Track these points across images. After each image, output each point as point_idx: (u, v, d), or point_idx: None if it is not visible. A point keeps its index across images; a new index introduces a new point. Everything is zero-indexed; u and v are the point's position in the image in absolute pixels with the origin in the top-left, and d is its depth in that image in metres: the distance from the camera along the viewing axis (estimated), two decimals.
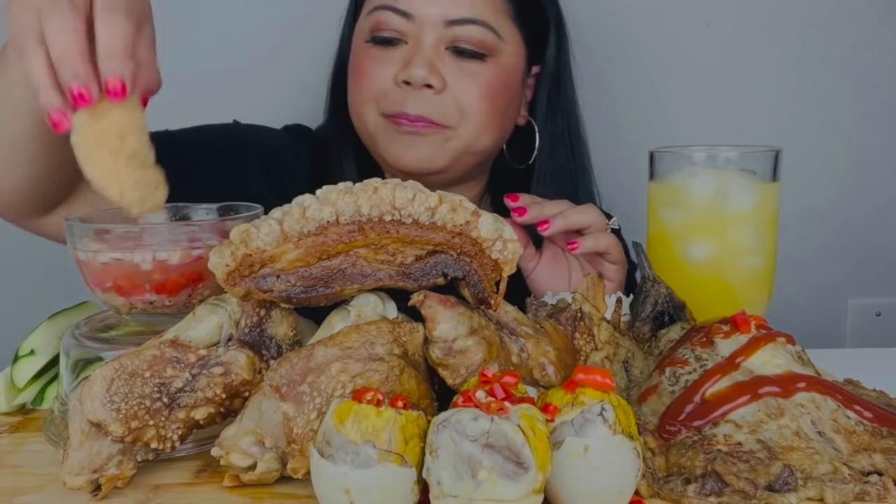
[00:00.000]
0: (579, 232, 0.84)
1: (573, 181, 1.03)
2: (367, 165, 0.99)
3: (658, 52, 1.33)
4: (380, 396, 0.48)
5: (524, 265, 0.88)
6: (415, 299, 0.55)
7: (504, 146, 1.02)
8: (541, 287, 0.88)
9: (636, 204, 0.89)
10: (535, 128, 1.01)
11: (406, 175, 0.88)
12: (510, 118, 0.98)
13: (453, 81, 0.90)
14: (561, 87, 1.03)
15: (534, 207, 0.82)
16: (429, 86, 0.89)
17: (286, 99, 1.24)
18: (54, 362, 0.70)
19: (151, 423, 0.53)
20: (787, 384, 0.58)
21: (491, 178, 1.06)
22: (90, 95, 0.51)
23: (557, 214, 0.82)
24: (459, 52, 0.90)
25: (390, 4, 0.90)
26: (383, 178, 0.60)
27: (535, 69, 1.01)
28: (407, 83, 0.89)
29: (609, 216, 0.87)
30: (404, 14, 0.90)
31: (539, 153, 1.01)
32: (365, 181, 0.57)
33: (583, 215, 0.83)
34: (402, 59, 0.90)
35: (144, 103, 0.55)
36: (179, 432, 0.54)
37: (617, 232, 0.87)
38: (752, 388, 0.57)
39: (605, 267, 0.85)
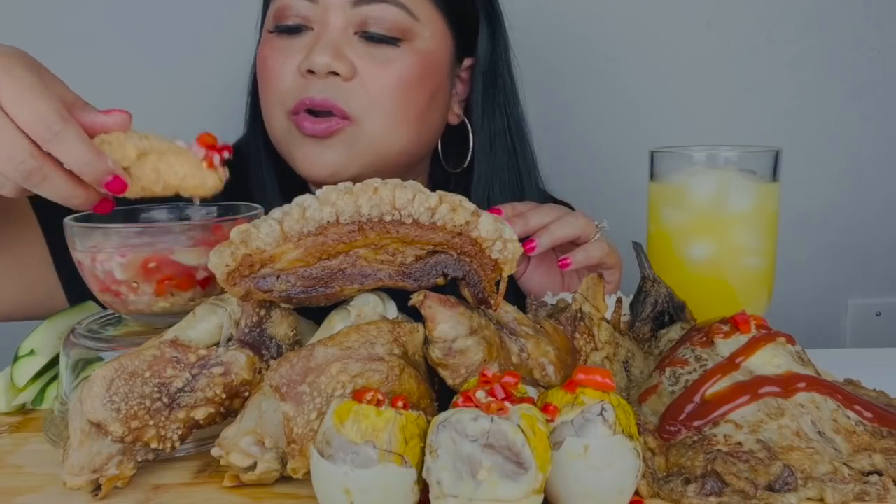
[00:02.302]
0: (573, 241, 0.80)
1: (517, 184, 0.95)
2: (290, 181, 0.90)
3: (658, 52, 1.33)
4: (380, 396, 0.48)
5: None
6: (415, 299, 0.55)
7: (439, 148, 0.94)
8: (533, 291, 0.85)
9: (636, 204, 0.89)
10: (469, 127, 0.92)
11: (318, 185, 0.75)
12: (434, 113, 0.89)
13: (363, 68, 0.81)
14: (497, 81, 0.93)
15: (517, 222, 0.77)
16: (335, 73, 0.80)
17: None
18: (54, 362, 0.70)
19: (151, 423, 0.53)
20: (787, 384, 0.58)
21: (433, 185, 0.96)
22: (123, 182, 0.57)
23: (543, 231, 0.78)
24: (369, 36, 0.82)
25: None
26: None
27: (467, 61, 0.93)
28: (311, 72, 0.80)
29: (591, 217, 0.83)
30: None
31: (477, 154, 0.92)
32: (365, 181, 0.56)
33: (570, 227, 0.78)
34: (307, 48, 0.81)
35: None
36: (179, 432, 0.54)
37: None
38: (752, 388, 0.57)
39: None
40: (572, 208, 1.07)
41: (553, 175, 1.33)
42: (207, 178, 0.59)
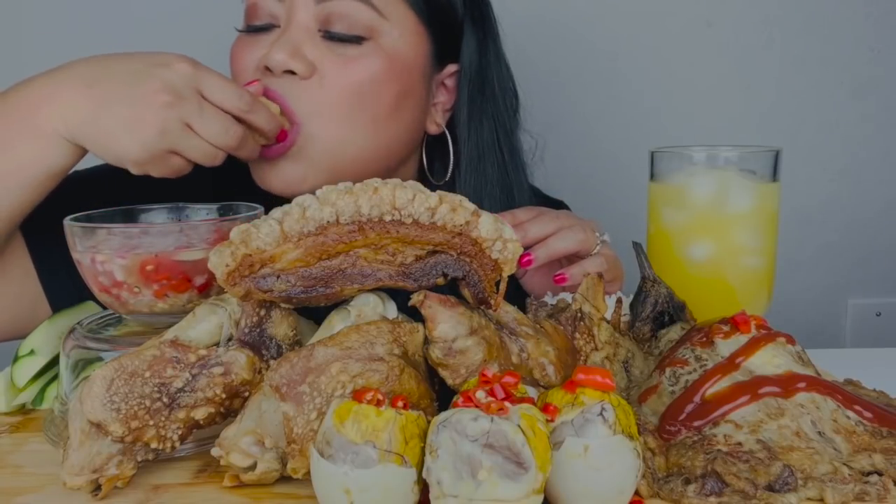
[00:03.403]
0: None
1: (507, 197, 0.90)
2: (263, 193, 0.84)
3: (658, 52, 1.33)
4: (380, 396, 0.48)
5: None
6: (415, 299, 0.55)
7: (424, 160, 0.90)
8: (533, 292, 0.84)
9: (636, 204, 0.89)
10: (449, 138, 0.88)
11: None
12: (401, 120, 0.83)
13: (323, 67, 0.78)
14: (486, 90, 0.88)
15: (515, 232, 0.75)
16: (292, 72, 0.77)
17: None
18: (54, 362, 0.70)
19: (151, 423, 0.53)
20: (787, 384, 0.58)
21: None
22: (286, 132, 0.77)
23: (541, 245, 0.77)
24: (331, 35, 0.78)
25: None
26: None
27: (451, 68, 0.88)
28: (269, 70, 0.78)
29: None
30: None
31: (464, 167, 0.88)
32: (365, 181, 0.56)
33: (568, 241, 0.77)
34: (270, 44, 0.79)
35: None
36: (179, 432, 0.54)
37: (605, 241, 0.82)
38: (752, 388, 0.57)
39: None
40: (567, 207, 1.07)
41: (553, 175, 1.33)
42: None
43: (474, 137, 0.88)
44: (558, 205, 1.06)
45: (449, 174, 0.89)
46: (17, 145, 0.67)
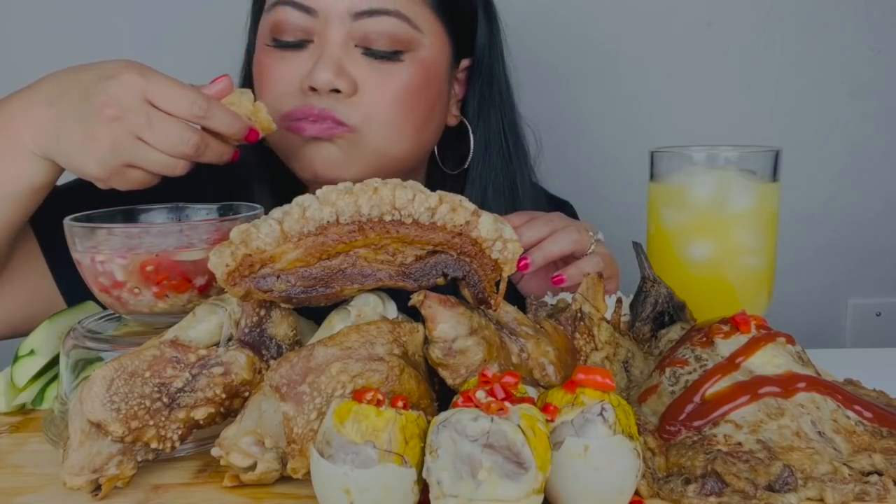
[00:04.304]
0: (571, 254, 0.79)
1: (510, 185, 0.93)
2: (285, 184, 0.89)
3: (658, 52, 1.33)
4: (380, 396, 0.48)
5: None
6: (415, 299, 0.55)
7: (435, 149, 0.94)
8: (531, 294, 0.84)
9: (636, 204, 0.89)
10: (469, 127, 0.91)
11: (317, 185, 0.70)
12: (435, 119, 0.88)
13: (365, 83, 0.81)
14: (494, 81, 0.92)
15: None
16: (337, 90, 0.80)
17: None
18: (54, 362, 0.70)
19: (151, 423, 0.53)
20: (787, 384, 0.58)
21: (430, 187, 0.96)
22: (256, 131, 0.70)
23: (536, 248, 0.77)
24: (372, 53, 0.81)
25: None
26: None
27: (464, 62, 0.91)
28: (313, 89, 0.80)
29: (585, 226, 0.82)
30: (306, 9, 0.80)
31: (473, 156, 0.92)
32: (365, 181, 0.57)
33: (563, 243, 0.78)
34: (309, 62, 0.80)
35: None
36: (179, 432, 0.54)
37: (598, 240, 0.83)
38: (752, 388, 0.57)
39: None
40: (571, 207, 1.08)
41: (553, 175, 1.33)
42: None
43: (483, 127, 0.92)
44: (564, 205, 1.07)
45: (468, 162, 0.92)
46: (0, 162, 0.68)
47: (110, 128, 0.64)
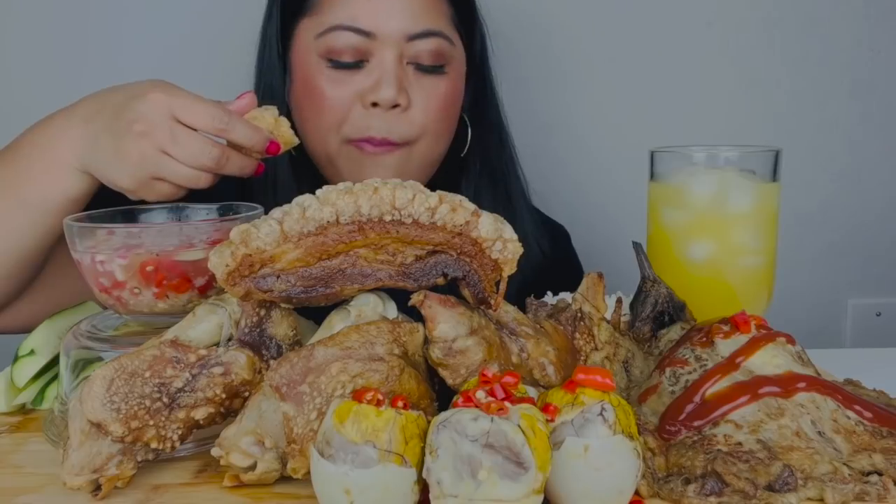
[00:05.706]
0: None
1: (504, 170, 1.03)
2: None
3: (658, 52, 1.33)
4: (380, 396, 0.48)
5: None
6: (415, 299, 0.55)
7: None
8: None
9: (636, 204, 0.89)
10: (467, 121, 1.01)
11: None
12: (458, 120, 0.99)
13: (415, 96, 0.90)
14: (486, 78, 1.02)
15: None
16: (396, 105, 0.89)
17: None
18: (54, 362, 0.70)
19: (151, 423, 0.53)
20: (787, 384, 0.58)
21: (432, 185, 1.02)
22: (277, 144, 0.72)
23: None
24: (423, 68, 0.90)
25: (349, 24, 0.88)
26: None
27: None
28: (375, 104, 0.88)
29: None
30: (365, 33, 0.88)
31: (470, 146, 1.01)
32: (365, 181, 0.57)
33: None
34: (367, 80, 0.89)
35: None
36: (179, 432, 0.54)
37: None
38: (752, 388, 0.57)
39: None
40: (566, 232, 1.10)
41: (553, 175, 1.33)
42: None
43: (479, 120, 1.01)
44: (558, 229, 1.13)
45: (465, 152, 1.01)
46: (39, 176, 0.73)
47: (138, 143, 0.67)
